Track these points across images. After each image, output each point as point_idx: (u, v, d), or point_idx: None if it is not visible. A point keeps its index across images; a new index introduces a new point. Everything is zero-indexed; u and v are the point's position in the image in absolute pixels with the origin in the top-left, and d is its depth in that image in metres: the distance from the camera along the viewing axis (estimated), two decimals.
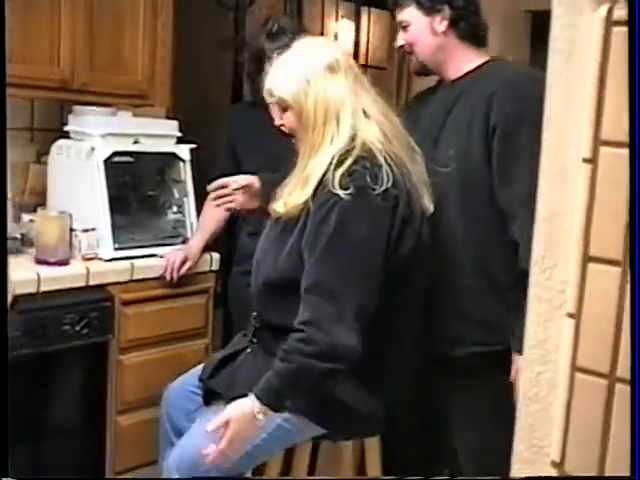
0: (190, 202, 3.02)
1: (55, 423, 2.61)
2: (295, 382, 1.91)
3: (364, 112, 1.99)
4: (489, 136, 2.08)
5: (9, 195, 3.05)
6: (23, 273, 2.50)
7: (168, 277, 2.79)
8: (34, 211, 2.97)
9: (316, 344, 1.86)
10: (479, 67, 2.22)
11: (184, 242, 2.90)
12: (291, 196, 1.99)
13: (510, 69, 2.30)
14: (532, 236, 1.79)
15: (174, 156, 2.99)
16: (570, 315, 1.06)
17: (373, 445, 2.33)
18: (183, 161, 3.00)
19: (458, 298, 2.18)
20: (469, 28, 2.22)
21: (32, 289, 2.48)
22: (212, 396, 2.18)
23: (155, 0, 3.01)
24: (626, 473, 1.02)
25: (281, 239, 2.04)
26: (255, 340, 2.15)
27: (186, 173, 3.01)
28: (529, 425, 1.20)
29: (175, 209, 3.03)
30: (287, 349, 1.90)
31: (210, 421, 2.01)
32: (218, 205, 2.33)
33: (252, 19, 4.08)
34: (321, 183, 1.93)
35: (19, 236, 2.78)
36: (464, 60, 2.24)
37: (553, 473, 1.15)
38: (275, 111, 2.08)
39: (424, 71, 2.32)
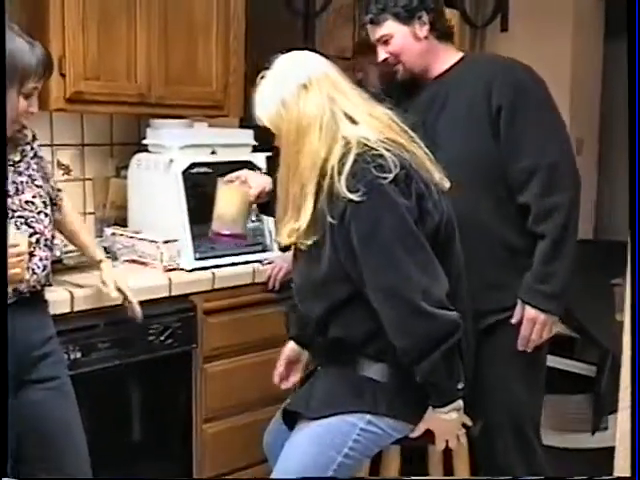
0: None
1: (142, 432, 2.65)
2: (439, 376, 1.94)
3: (349, 118, 1.98)
4: (493, 117, 2.28)
5: (90, 210, 3.12)
6: None
7: (270, 285, 2.84)
8: (115, 225, 3.03)
9: (407, 351, 1.92)
10: (459, 62, 2.43)
11: (264, 250, 2.92)
12: (288, 226, 1.99)
13: (495, 58, 2.62)
14: (549, 201, 2.23)
15: (251, 164, 3.00)
16: None
17: (461, 446, 2.31)
18: (260, 169, 3.01)
19: (476, 267, 2.20)
20: (444, 27, 2.42)
21: (117, 301, 2.51)
22: (294, 419, 2.17)
23: (227, 12, 3.04)
24: None
25: (312, 262, 2.03)
26: (323, 357, 2.17)
27: None
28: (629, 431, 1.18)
29: (253, 217, 3.04)
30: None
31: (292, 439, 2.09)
32: None
33: (322, 26, 4.11)
34: (332, 194, 1.91)
35: (102, 249, 2.83)
36: (445, 58, 2.42)
37: None
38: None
39: (411, 78, 2.43)
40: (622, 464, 1.31)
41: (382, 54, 2.42)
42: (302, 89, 1.97)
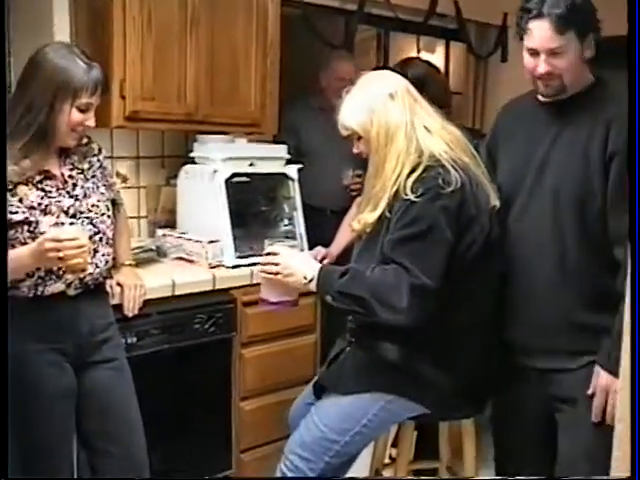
0: (299, 215, 3.04)
1: (188, 408, 2.64)
2: (348, 299, 1.94)
3: (426, 128, 1.98)
4: (606, 163, 1.87)
5: (144, 213, 3.13)
6: (159, 280, 2.55)
7: None
8: (165, 227, 3.04)
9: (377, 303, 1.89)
10: (585, 90, 1.96)
11: None
12: (364, 215, 2.00)
13: (617, 96, 1.91)
14: None
15: (284, 175, 3.02)
16: None
17: (468, 427, 2.30)
18: (292, 180, 3.02)
19: (562, 305, 1.97)
20: (594, 51, 1.93)
21: (168, 293, 2.53)
22: (322, 391, 2.18)
23: (265, 41, 3.04)
24: None
25: (367, 252, 2.03)
26: (353, 339, 2.14)
27: (295, 190, 3.04)
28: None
29: (286, 222, 3.05)
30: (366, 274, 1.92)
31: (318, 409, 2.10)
32: None
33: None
34: (395, 196, 1.93)
35: (154, 248, 2.85)
36: (582, 80, 1.96)
37: None
38: (353, 142, 2.08)
39: (559, 93, 1.96)
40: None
41: (544, 66, 1.89)
42: (389, 98, 1.98)
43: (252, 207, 3.03)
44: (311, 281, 1.99)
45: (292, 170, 3.02)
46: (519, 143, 2.09)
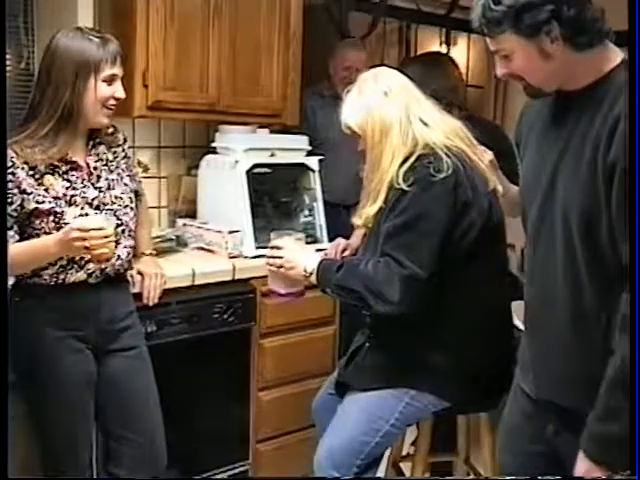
0: (319, 207, 3.02)
1: (206, 398, 2.64)
2: (344, 292, 1.99)
3: (422, 122, 1.98)
4: (608, 173, 1.45)
5: (165, 203, 3.13)
6: (179, 269, 2.54)
7: (332, 256, 2.64)
8: (186, 217, 3.03)
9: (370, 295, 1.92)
10: (606, 75, 1.54)
11: (315, 242, 2.89)
12: (365, 209, 2.02)
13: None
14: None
15: (305, 167, 3.00)
16: None
17: (486, 420, 2.28)
18: (313, 171, 3.01)
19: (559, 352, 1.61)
20: (587, 37, 1.52)
21: (188, 283, 2.52)
22: (345, 388, 2.17)
23: (287, 33, 3.02)
24: None
25: (371, 245, 2.04)
26: (372, 334, 2.13)
27: (315, 181, 3.02)
28: None
29: (306, 212, 3.03)
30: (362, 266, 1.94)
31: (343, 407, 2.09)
32: None
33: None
34: (392, 185, 1.94)
35: (174, 237, 2.84)
36: (589, 70, 1.55)
37: None
38: (356, 140, 2.09)
39: (541, 94, 1.63)
40: None
41: (499, 70, 1.62)
42: (383, 96, 1.99)
43: (272, 198, 3.01)
44: (311, 274, 2.04)
45: (313, 161, 3.00)
46: (531, 155, 1.73)
